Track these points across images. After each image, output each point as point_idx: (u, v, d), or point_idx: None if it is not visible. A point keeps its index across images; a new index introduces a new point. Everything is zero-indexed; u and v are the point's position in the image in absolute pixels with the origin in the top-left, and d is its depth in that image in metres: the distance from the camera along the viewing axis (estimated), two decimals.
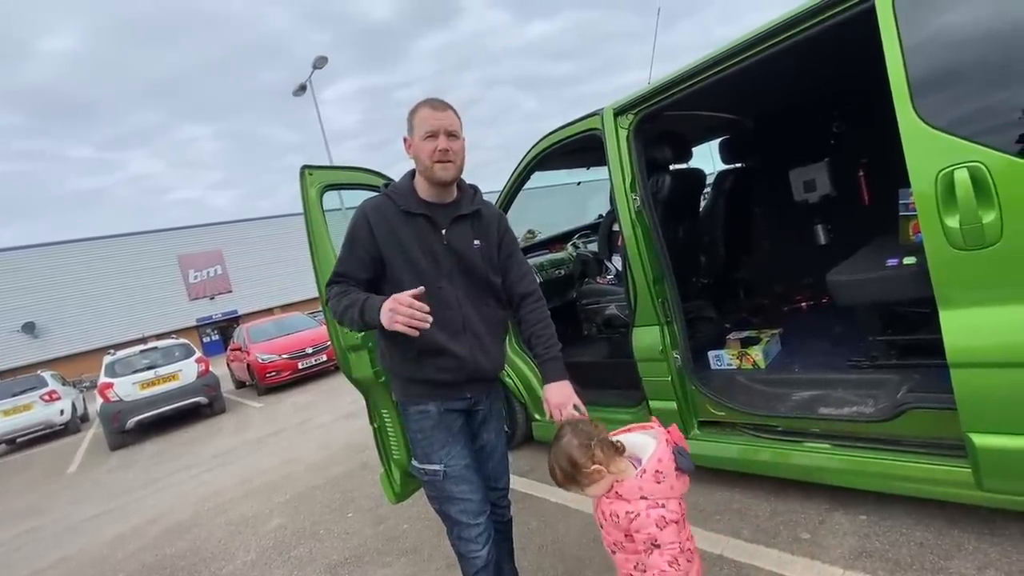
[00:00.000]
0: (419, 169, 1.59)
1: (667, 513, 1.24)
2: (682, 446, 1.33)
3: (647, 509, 1.24)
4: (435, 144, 1.51)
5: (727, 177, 3.62)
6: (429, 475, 1.63)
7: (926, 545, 1.82)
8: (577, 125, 2.71)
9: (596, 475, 1.29)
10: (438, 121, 1.53)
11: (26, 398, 10.78)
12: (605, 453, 1.29)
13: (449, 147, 1.53)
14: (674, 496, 1.27)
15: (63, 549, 4.26)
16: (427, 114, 1.54)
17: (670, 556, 1.22)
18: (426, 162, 1.53)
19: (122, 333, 23.55)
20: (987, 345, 1.52)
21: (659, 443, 1.32)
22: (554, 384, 1.63)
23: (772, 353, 2.84)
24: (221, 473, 5.31)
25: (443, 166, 1.53)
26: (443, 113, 1.55)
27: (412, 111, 1.58)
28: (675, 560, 1.21)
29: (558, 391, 1.61)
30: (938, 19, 1.54)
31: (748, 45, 2.02)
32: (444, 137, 1.52)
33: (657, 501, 1.25)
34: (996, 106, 1.48)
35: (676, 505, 1.27)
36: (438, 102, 1.57)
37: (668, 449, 1.30)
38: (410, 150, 1.60)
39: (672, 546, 1.22)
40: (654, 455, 1.29)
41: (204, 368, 9.13)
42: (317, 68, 16.28)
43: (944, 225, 1.54)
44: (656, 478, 1.26)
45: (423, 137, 1.52)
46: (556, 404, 1.59)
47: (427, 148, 1.52)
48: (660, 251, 2.48)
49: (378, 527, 3.09)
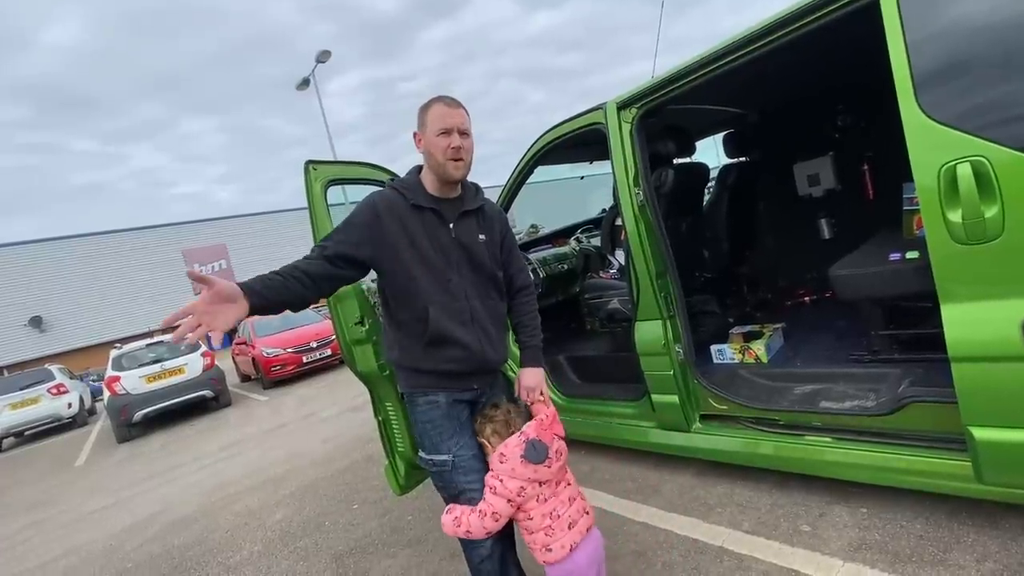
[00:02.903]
0: (430, 165, 1.61)
1: (498, 486, 1.54)
2: (538, 439, 1.58)
3: (488, 479, 1.58)
4: (448, 141, 1.54)
5: (731, 171, 3.61)
6: (437, 466, 1.65)
7: (926, 537, 1.83)
8: (580, 119, 2.71)
9: (487, 447, 1.64)
10: (452, 119, 1.56)
11: (33, 391, 10.88)
12: (493, 432, 1.63)
13: (461, 144, 1.56)
14: (515, 477, 1.54)
15: (71, 540, 4.33)
16: (441, 111, 1.57)
17: (479, 505, 1.56)
18: (439, 158, 1.56)
19: (128, 327, 23.72)
20: (988, 339, 1.52)
21: (518, 432, 1.60)
22: (529, 369, 1.79)
23: (774, 347, 2.85)
24: (227, 466, 5.37)
25: (455, 164, 1.57)
26: (456, 111, 1.58)
27: (424, 107, 1.60)
28: (482, 514, 1.54)
29: (532, 375, 1.78)
30: (941, 13, 1.53)
31: (752, 39, 2.01)
32: (457, 135, 1.56)
33: (497, 476, 1.56)
34: (999, 101, 1.48)
35: (516, 485, 1.54)
36: (451, 100, 1.60)
37: (519, 439, 1.57)
38: (420, 145, 1.62)
39: (490, 507, 1.53)
40: (506, 440, 1.59)
41: (210, 362, 9.21)
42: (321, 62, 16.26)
43: (946, 219, 1.54)
44: (499, 459, 1.57)
45: (436, 133, 1.55)
46: (527, 387, 1.77)
47: (440, 145, 1.55)
48: (663, 245, 2.49)
49: (383, 518, 3.13)
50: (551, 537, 1.58)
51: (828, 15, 1.81)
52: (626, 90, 2.51)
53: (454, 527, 1.58)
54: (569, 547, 1.58)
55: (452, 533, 1.59)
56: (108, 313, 25.12)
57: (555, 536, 1.58)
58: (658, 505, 2.48)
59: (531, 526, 1.60)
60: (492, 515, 1.54)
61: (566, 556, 1.57)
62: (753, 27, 2.00)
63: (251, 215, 30.52)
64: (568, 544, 1.58)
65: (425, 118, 1.59)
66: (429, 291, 1.58)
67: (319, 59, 16.15)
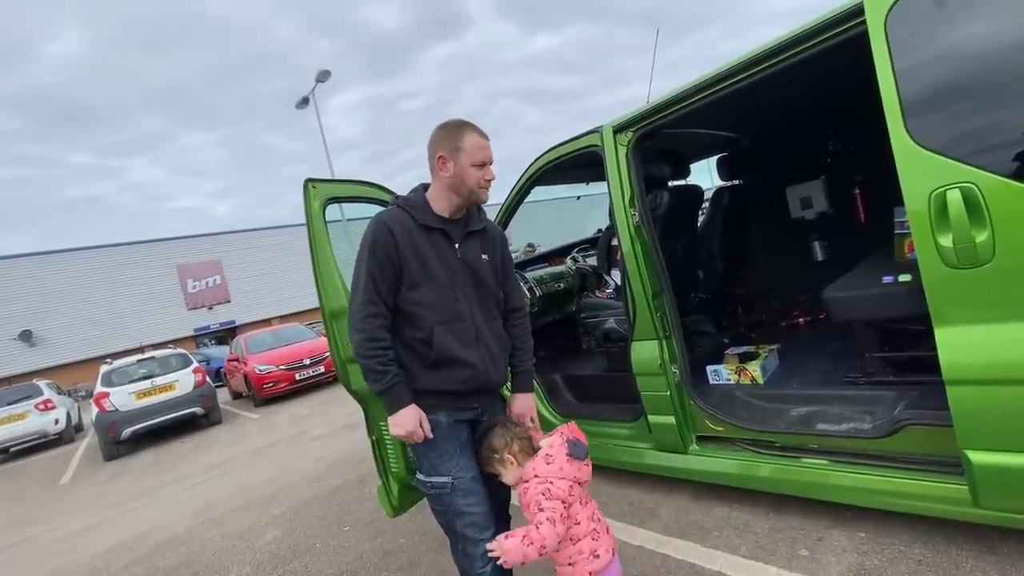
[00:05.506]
0: (456, 189, 1.64)
1: (555, 488, 1.48)
2: (577, 438, 1.58)
3: (536, 484, 1.51)
4: (483, 174, 1.63)
5: (725, 193, 3.66)
6: (436, 488, 1.63)
7: (924, 563, 1.82)
8: (577, 142, 2.75)
9: (508, 463, 1.59)
10: (487, 152, 1.65)
11: (20, 407, 10.68)
12: (521, 449, 1.60)
13: (493, 176, 1.66)
14: (565, 476, 1.51)
15: (55, 561, 4.21)
16: (479, 142, 1.63)
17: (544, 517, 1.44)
18: (471, 186, 1.63)
19: (120, 342, 23.47)
20: (982, 362, 1.54)
21: (554, 435, 1.61)
22: (521, 395, 1.84)
23: (770, 368, 2.85)
24: (216, 485, 5.28)
25: (484, 191, 1.66)
26: (488, 143, 1.67)
27: (455, 132, 1.62)
28: (552, 521, 1.44)
29: (523, 402, 1.83)
30: (929, 43, 1.58)
31: (745, 66, 2.06)
32: (490, 167, 1.65)
33: (547, 478, 1.50)
34: (987, 128, 1.52)
35: (566, 485, 1.50)
36: (482, 131, 1.67)
37: (561, 439, 1.57)
38: (446, 168, 1.62)
39: (552, 513, 1.45)
40: (548, 443, 1.59)
41: (201, 378, 9.10)
42: (320, 82, 16.43)
43: (938, 244, 1.57)
44: (547, 460, 1.54)
45: (474, 164, 1.61)
46: (517, 413, 1.80)
47: (476, 175, 1.62)
48: (659, 266, 2.51)
49: (375, 541, 3.07)
50: (597, 541, 1.54)
51: (819, 44, 1.86)
52: (622, 114, 2.56)
53: (525, 547, 1.41)
54: (612, 550, 1.57)
55: (523, 557, 1.41)
56: (100, 328, 24.84)
57: (600, 540, 1.55)
58: (655, 528, 2.46)
59: (578, 532, 1.54)
60: (561, 518, 1.46)
61: (611, 560, 1.55)
62: (746, 55, 2.05)
63: (246, 231, 30.51)
64: (610, 547, 1.57)
65: (459, 144, 1.60)
66: (436, 311, 1.59)
67: (319, 79, 16.31)
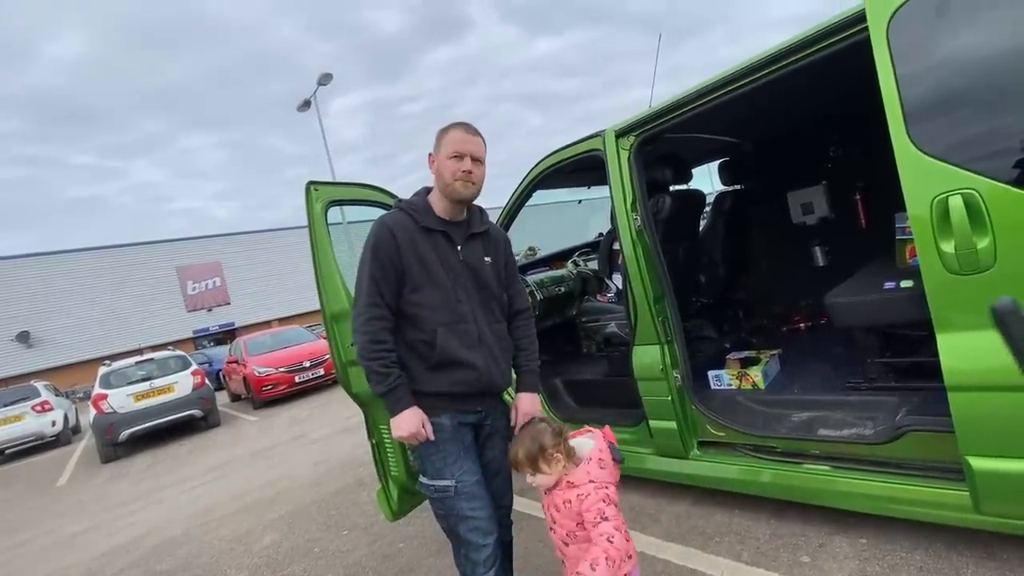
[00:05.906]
0: (439, 186, 1.65)
1: (611, 493, 1.48)
2: (612, 442, 1.62)
3: (595, 490, 1.48)
4: (459, 165, 1.60)
5: (726, 198, 3.66)
6: (439, 492, 1.63)
7: (925, 569, 1.81)
8: (579, 146, 2.76)
9: (555, 462, 1.53)
10: (466, 144, 1.62)
11: (17, 408, 10.64)
12: (567, 448, 1.57)
13: (472, 170, 1.61)
14: (612, 481, 1.52)
15: (51, 564, 4.19)
16: (459, 136, 1.62)
17: (612, 527, 1.42)
18: (447, 179, 1.61)
19: (118, 344, 23.41)
20: (984, 368, 1.54)
21: (597, 439, 1.61)
22: (527, 394, 1.80)
23: (771, 374, 2.85)
24: (214, 488, 5.25)
25: (464, 183, 1.61)
26: (473, 138, 1.64)
27: (443, 130, 1.65)
28: (619, 529, 1.42)
29: (530, 401, 1.79)
30: (931, 49, 1.59)
31: (747, 72, 2.07)
32: (469, 160, 1.61)
33: (604, 483, 1.50)
34: (989, 134, 1.52)
35: (614, 490, 1.51)
36: (470, 127, 1.65)
37: (605, 443, 1.59)
38: (433, 166, 1.67)
39: (616, 520, 1.44)
40: (596, 447, 1.58)
41: (200, 380, 9.08)
42: (322, 85, 16.46)
43: (940, 250, 1.57)
44: (600, 464, 1.53)
45: (449, 156, 1.60)
46: (524, 412, 1.76)
47: (452, 167, 1.60)
48: (660, 270, 2.51)
49: (374, 545, 3.06)
50: (629, 542, 1.50)
51: (821, 50, 1.87)
52: (624, 118, 2.56)
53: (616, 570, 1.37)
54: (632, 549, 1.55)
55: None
56: (98, 329, 24.76)
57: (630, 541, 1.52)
58: (656, 534, 2.45)
59: None
60: (624, 524, 1.46)
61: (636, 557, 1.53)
62: (749, 60, 2.06)
63: (247, 233, 30.48)
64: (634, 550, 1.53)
65: (442, 141, 1.64)
66: (438, 312, 1.59)
67: (320, 82, 16.34)
